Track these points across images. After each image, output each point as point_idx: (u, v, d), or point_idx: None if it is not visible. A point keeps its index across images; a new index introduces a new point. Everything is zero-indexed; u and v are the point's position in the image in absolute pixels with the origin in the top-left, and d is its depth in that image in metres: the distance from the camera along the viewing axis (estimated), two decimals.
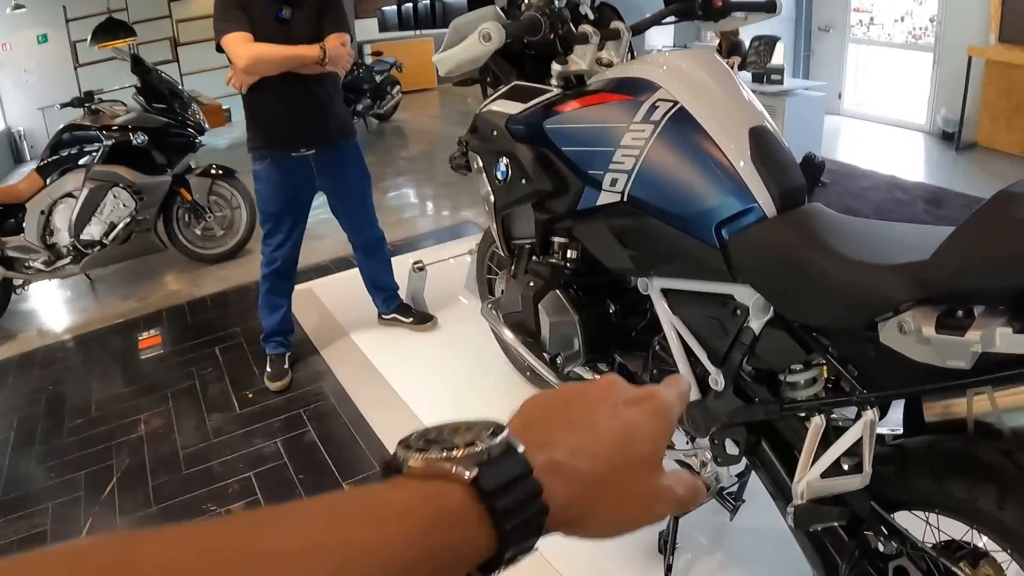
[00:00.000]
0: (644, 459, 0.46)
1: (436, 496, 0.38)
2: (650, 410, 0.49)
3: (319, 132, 2.93)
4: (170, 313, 4.25)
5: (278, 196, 3.01)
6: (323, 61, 2.74)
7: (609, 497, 0.44)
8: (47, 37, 11.81)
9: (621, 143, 1.70)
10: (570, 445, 0.44)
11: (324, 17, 2.83)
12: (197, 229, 4.80)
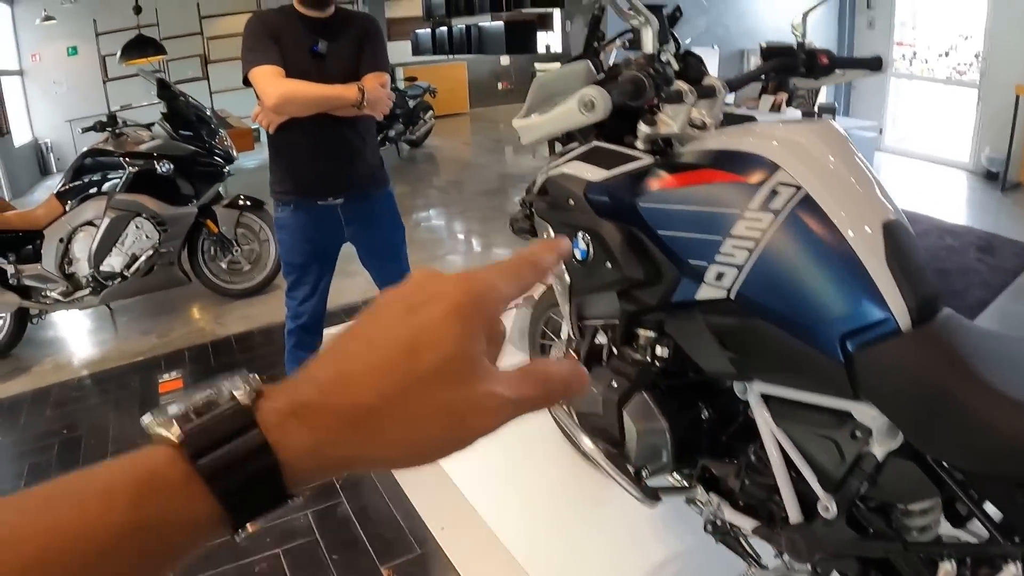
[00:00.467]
0: (433, 371, 0.39)
1: (141, 465, 0.36)
2: (446, 308, 0.40)
3: (350, 180, 2.70)
4: (193, 353, 4.05)
5: (303, 246, 2.77)
6: (361, 104, 2.50)
7: (391, 426, 0.38)
8: (77, 50, 11.79)
9: (732, 232, 1.47)
10: (324, 379, 0.39)
11: (363, 53, 2.62)
12: (223, 263, 4.61)
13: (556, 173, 1.87)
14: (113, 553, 0.34)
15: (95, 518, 0.34)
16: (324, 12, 2.57)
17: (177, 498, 0.36)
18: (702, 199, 1.55)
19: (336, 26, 2.60)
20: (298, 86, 2.43)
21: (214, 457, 0.36)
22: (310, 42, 2.53)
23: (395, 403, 0.38)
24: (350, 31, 2.61)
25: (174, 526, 0.36)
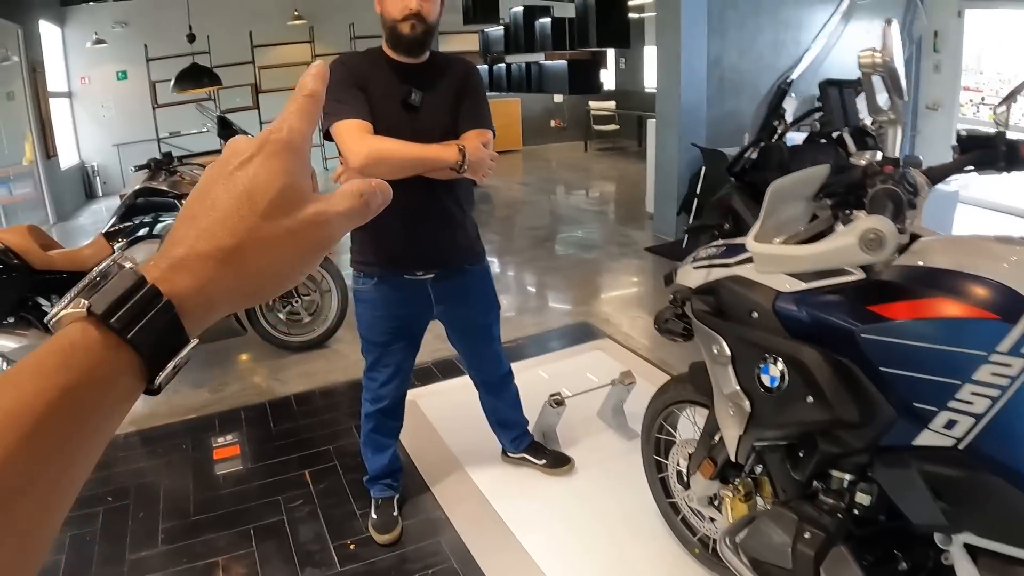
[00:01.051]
0: (271, 206, 0.46)
1: (60, 340, 0.40)
2: (264, 157, 0.48)
3: (443, 253, 2.40)
4: (249, 414, 3.76)
5: (385, 324, 2.47)
6: (461, 168, 2.17)
7: (253, 257, 0.46)
8: (127, 74, 11.77)
9: (973, 376, 1.25)
10: (190, 237, 0.45)
11: (461, 105, 2.31)
12: (281, 314, 4.33)
13: (730, 275, 1.58)
14: (52, 418, 0.37)
15: (31, 394, 0.37)
16: (419, 58, 2.28)
17: (98, 356, 0.41)
18: (939, 335, 1.28)
19: (431, 73, 2.30)
20: (389, 145, 2.12)
21: (120, 314, 0.41)
22: (402, 92, 2.23)
23: (249, 239, 0.45)
24: (446, 79, 2.31)
25: (100, 383, 0.40)
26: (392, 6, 2.20)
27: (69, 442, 0.39)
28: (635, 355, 4.23)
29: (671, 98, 6.60)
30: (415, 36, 2.21)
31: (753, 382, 1.52)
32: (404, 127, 2.20)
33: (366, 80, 2.21)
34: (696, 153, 6.57)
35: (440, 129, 2.25)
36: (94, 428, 0.40)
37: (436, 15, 2.24)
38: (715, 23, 6.70)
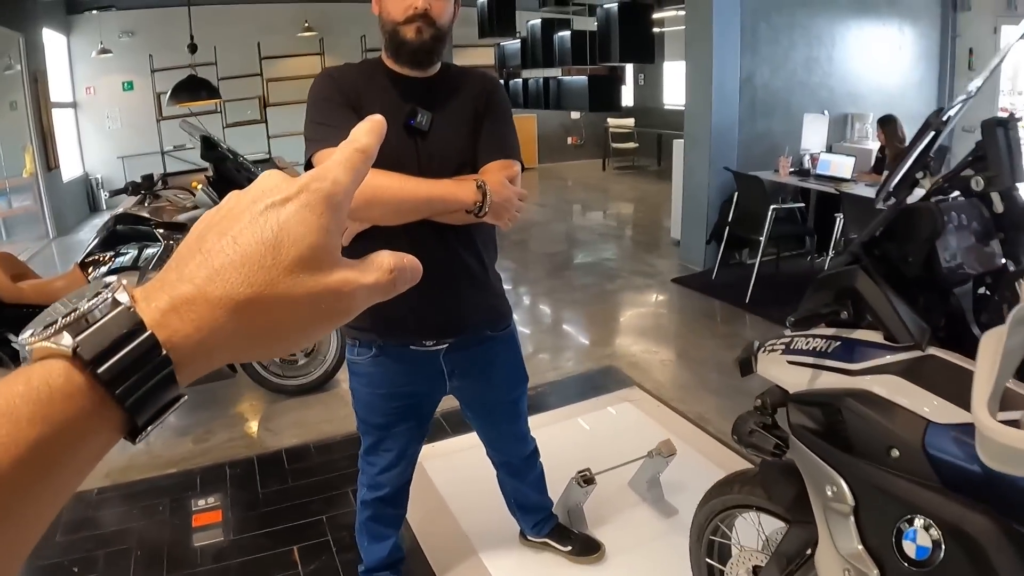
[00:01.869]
0: (298, 262, 0.42)
1: (38, 380, 0.36)
2: (300, 205, 0.43)
3: (459, 317, 1.92)
4: (235, 470, 3.33)
5: (387, 404, 2.00)
6: (480, 211, 1.71)
7: (266, 313, 0.41)
8: (133, 85, 11.48)
9: None
10: (200, 276, 0.40)
11: (480, 129, 1.84)
12: None
13: (854, 388, 1.16)
14: (18, 474, 0.33)
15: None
16: (427, 71, 1.82)
17: (78, 408, 0.36)
18: None
19: (443, 90, 1.84)
20: (386, 180, 1.64)
21: (111, 364, 0.36)
22: (405, 112, 1.76)
23: (265, 292, 0.40)
24: (462, 97, 1.85)
25: (76, 438, 0.36)
26: (393, 5, 1.74)
27: (32, 500, 0.35)
28: (668, 408, 3.79)
29: (701, 118, 6.18)
30: (421, 43, 1.74)
31: (888, 547, 1.10)
32: (407, 157, 1.75)
33: (359, 97, 1.75)
34: (728, 177, 6.15)
35: (454, 160, 1.80)
36: (61, 485, 0.36)
37: (448, 17, 1.78)
38: (747, 38, 6.30)
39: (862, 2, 7.36)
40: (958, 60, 8.66)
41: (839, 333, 1.43)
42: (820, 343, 1.43)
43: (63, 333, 0.37)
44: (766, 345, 1.69)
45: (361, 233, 1.74)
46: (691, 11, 6.27)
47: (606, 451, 3.17)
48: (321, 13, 12.23)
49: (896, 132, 6.21)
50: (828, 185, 5.94)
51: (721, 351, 4.70)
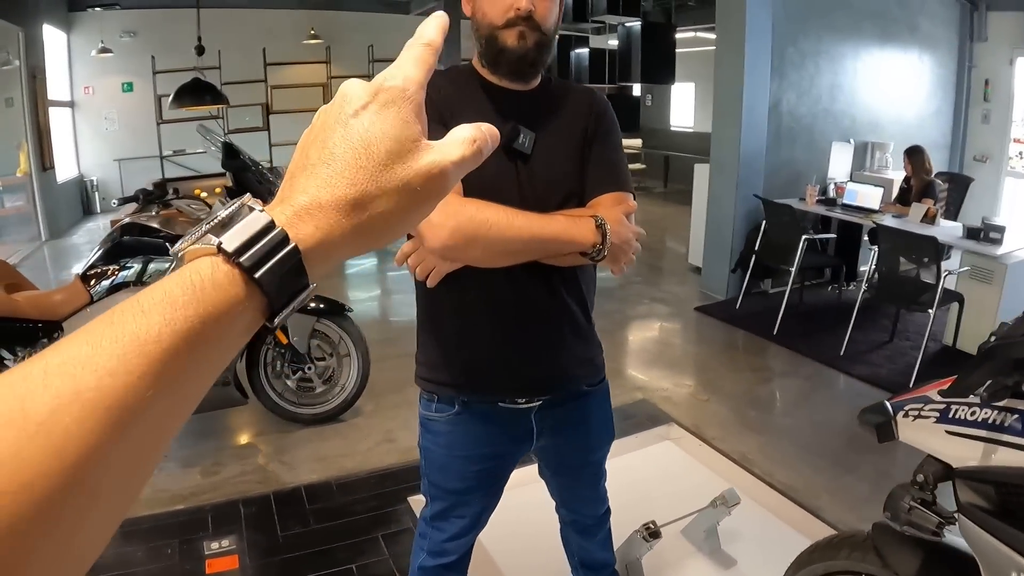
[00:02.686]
0: (389, 156, 0.47)
1: (189, 273, 0.42)
2: (380, 106, 0.48)
3: (558, 372, 1.66)
4: (250, 509, 3.07)
5: (465, 468, 1.73)
6: (599, 254, 1.46)
7: (373, 206, 0.47)
8: (132, 86, 11.24)
9: None
10: (311, 187, 0.46)
11: (589, 154, 1.58)
12: (291, 380, 3.67)
13: None
14: (177, 349, 0.39)
15: (159, 323, 0.39)
16: (528, 84, 1.58)
17: (225, 292, 0.42)
18: None
19: (546, 106, 1.58)
20: (490, 214, 1.38)
21: (250, 253, 0.43)
22: (506, 132, 1.48)
23: (368, 188, 0.47)
24: (568, 116, 1.59)
25: (225, 318, 0.42)
26: (490, 5, 1.50)
27: (189, 372, 0.40)
28: (709, 447, 3.58)
29: (729, 143, 6.00)
30: (524, 51, 1.48)
31: None
32: (507, 185, 1.50)
33: (451, 111, 1.47)
34: (754, 205, 5.97)
35: (560, 189, 1.56)
36: (213, 361, 0.42)
37: (554, 20, 1.52)
38: (775, 62, 6.14)
39: (885, 30, 7.26)
40: (973, 91, 8.63)
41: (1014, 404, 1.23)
42: (992, 414, 1.24)
43: (208, 236, 0.44)
44: (906, 408, 1.51)
45: (453, 274, 1.51)
46: (722, 33, 6.10)
47: (657, 496, 2.96)
48: (327, 20, 12.05)
49: (923, 163, 6.06)
50: (856, 215, 5.78)
51: (756, 386, 4.51)
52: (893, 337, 5.20)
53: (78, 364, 0.36)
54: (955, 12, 8.25)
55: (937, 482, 1.30)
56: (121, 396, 0.36)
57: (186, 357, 0.39)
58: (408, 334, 5.37)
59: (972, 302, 4.77)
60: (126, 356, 0.37)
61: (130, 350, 0.37)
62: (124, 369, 0.37)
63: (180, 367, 0.39)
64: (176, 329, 0.39)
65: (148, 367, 0.38)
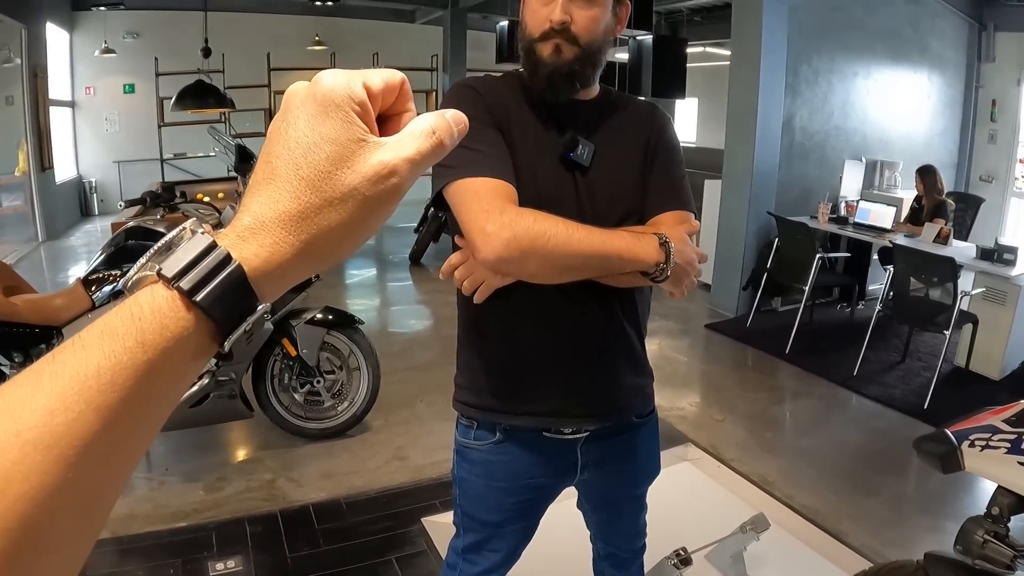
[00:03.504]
0: (331, 161, 0.44)
1: (129, 304, 0.41)
2: (317, 106, 0.45)
3: (609, 400, 1.54)
4: (256, 528, 2.96)
5: (504, 499, 1.61)
6: (662, 274, 1.35)
7: (321, 219, 0.44)
8: (134, 87, 11.15)
9: None
10: (255, 204, 0.44)
11: (652, 172, 1.49)
12: (298, 394, 3.57)
13: None
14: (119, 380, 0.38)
15: (99, 356, 0.38)
16: (584, 94, 1.47)
17: (166, 319, 0.40)
18: None
19: (604, 117, 1.48)
20: (551, 227, 1.28)
21: (190, 277, 0.41)
22: (564, 142, 1.41)
23: (312, 200, 0.44)
24: (627, 129, 1.50)
25: (168, 346, 0.40)
26: (532, 16, 1.41)
27: (136, 404, 0.39)
28: (729, 469, 3.50)
29: (742, 160, 5.94)
30: (557, 64, 1.38)
31: None
32: (566, 197, 1.41)
33: (508, 118, 1.41)
34: (766, 221, 5.91)
35: (621, 205, 1.46)
36: (162, 390, 0.40)
37: (598, 33, 1.41)
38: (789, 79, 6.10)
39: (897, 49, 7.25)
40: (980, 111, 8.66)
41: None
42: None
43: (150, 262, 0.43)
44: (971, 438, 1.44)
45: (502, 290, 1.41)
46: (737, 48, 6.05)
47: (680, 519, 2.85)
48: (333, 27, 12.00)
49: (935, 183, 6.01)
50: (869, 234, 5.72)
51: (771, 406, 4.44)
52: (905, 357, 5.14)
53: (18, 404, 0.36)
54: (964, 33, 8.26)
55: (1011, 514, 1.24)
56: (62, 434, 0.35)
57: (130, 389, 0.38)
58: (415, 346, 5.30)
59: (985, 323, 4.72)
60: (65, 393, 0.36)
61: (69, 387, 0.36)
62: (63, 407, 0.36)
63: (125, 400, 0.38)
64: (117, 362, 0.38)
65: (88, 403, 0.36)
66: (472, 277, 1.42)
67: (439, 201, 1.39)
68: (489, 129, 1.38)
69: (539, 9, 1.40)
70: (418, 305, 6.48)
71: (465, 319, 1.58)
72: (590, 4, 1.39)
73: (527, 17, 1.43)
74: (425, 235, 7.79)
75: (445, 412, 3.90)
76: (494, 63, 9.30)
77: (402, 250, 8.22)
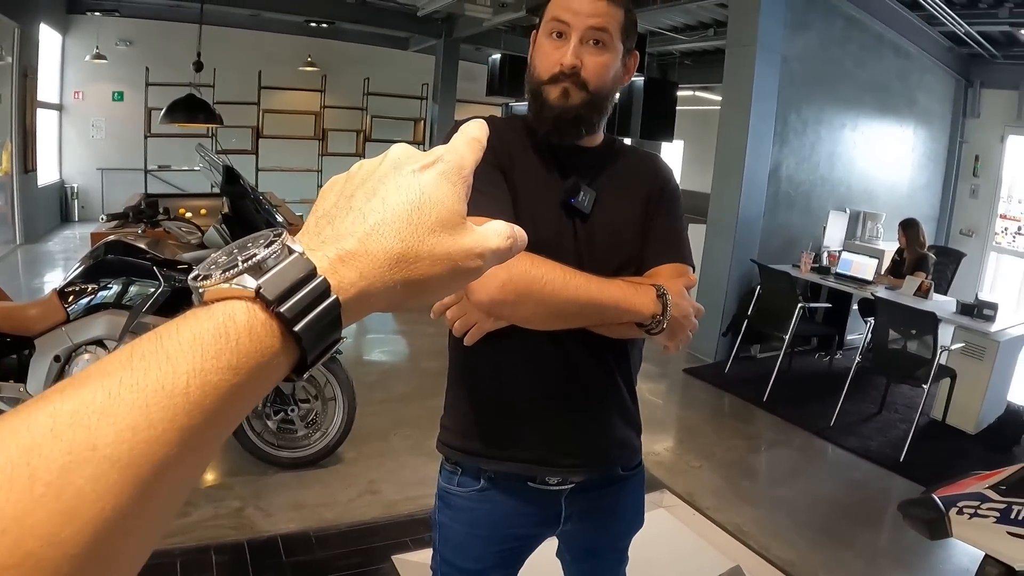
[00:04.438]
0: (440, 223, 0.47)
1: (223, 318, 0.39)
2: (439, 173, 0.48)
3: (600, 452, 1.51)
4: (223, 558, 2.88)
5: (485, 548, 1.57)
6: (658, 326, 1.32)
7: (416, 267, 0.46)
8: (123, 95, 11.11)
9: None
10: (359, 232, 0.45)
11: (653, 224, 1.47)
12: (272, 421, 3.49)
13: None
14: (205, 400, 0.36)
15: (187, 372, 0.35)
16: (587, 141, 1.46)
17: (261, 343, 0.39)
18: None
19: (606, 165, 1.47)
20: (548, 272, 1.26)
21: (292, 304, 0.40)
22: (565, 187, 1.40)
23: (414, 248, 0.45)
24: (631, 179, 1.49)
25: (259, 370, 0.39)
26: (541, 59, 1.40)
27: (214, 427, 0.37)
28: (704, 518, 3.48)
29: (728, 206, 5.97)
30: (564, 108, 1.37)
31: None
32: (565, 243, 1.39)
33: (511, 160, 1.39)
34: (749, 268, 5.94)
35: (619, 253, 1.45)
36: (239, 414, 0.39)
37: (607, 80, 1.40)
38: (779, 127, 6.16)
39: (885, 102, 7.39)
40: (963, 165, 8.84)
41: None
42: None
43: (244, 276, 0.40)
44: (959, 505, 1.44)
45: (494, 333, 1.37)
46: (728, 94, 6.11)
47: (656, 568, 2.83)
48: (326, 49, 12.04)
49: (918, 236, 6.09)
50: (850, 285, 5.76)
51: (748, 454, 4.43)
52: (882, 409, 5.18)
53: (93, 414, 0.32)
54: (951, 88, 8.44)
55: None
56: (142, 454, 0.33)
57: (213, 411, 0.36)
58: (391, 378, 5.23)
59: (963, 378, 4.77)
60: (148, 408, 0.34)
61: (153, 402, 0.34)
62: (146, 423, 0.33)
63: (207, 422, 0.36)
64: (206, 381, 0.36)
65: (172, 422, 0.34)
66: (464, 318, 1.38)
67: None
68: (492, 170, 1.36)
69: (550, 52, 1.39)
70: (397, 335, 6.41)
71: (455, 360, 1.55)
72: (601, 50, 1.38)
73: (537, 59, 1.42)
74: None
75: (420, 446, 3.86)
76: (484, 95, 9.33)
77: None
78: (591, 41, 1.37)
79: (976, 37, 7.69)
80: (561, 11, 1.38)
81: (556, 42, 1.38)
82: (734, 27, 6.02)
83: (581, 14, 1.36)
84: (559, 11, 1.38)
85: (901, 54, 7.51)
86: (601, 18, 1.37)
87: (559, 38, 1.38)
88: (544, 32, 1.41)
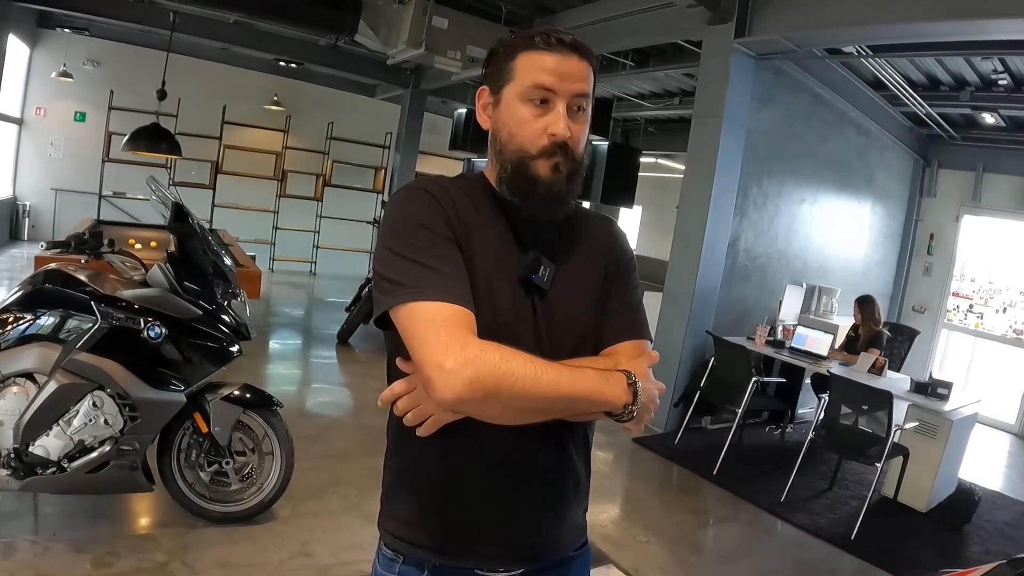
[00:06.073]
0: None
1: None
2: None
3: (548, 536, 1.41)
4: None
5: None
6: (628, 415, 1.24)
7: None
8: (85, 116, 10.88)
9: None
10: None
11: (610, 297, 1.39)
12: (205, 473, 3.31)
13: None
14: None
15: None
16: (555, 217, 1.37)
17: None
18: None
19: (567, 235, 1.40)
20: (516, 366, 1.14)
21: None
22: (526, 263, 1.31)
23: None
24: (588, 248, 1.41)
25: None
26: (522, 127, 1.29)
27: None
28: None
29: (685, 276, 5.94)
30: (555, 185, 1.29)
31: None
32: (524, 325, 1.30)
33: (467, 230, 1.28)
34: (703, 340, 5.92)
35: (576, 331, 1.36)
36: None
37: (584, 145, 1.34)
38: (739, 200, 6.21)
39: (844, 179, 7.55)
40: (918, 243, 9.03)
41: None
42: None
43: None
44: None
45: (450, 426, 1.26)
46: (692, 165, 6.13)
47: None
48: (293, 89, 12.02)
49: (873, 313, 6.15)
50: (804, 360, 5.77)
51: (696, 529, 4.34)
52: (833, 485, 5.15)
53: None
54: (909, 167, 8.67)
55: None
56: None
57: None
58: (332, 432, 5.05)
59: (916, 456, 4.80)
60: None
61: None
62: None
63: None
64: None
65: None
66: (419, 409, 1.25)
67: (382, 320, 1.27)
68: (447, 244, 1.24)
69: (532, 120, 1.28)
70: (341, 387, 6.21)
71: (397, 443, 1.42)
72: (583, 117, 1.31)
73: (513, 127, 1.30)
74: (356, 315, 7.40)
75: (357, 507, 3.70)
76: (447, 148, 9.28)
77: (331, 326, 7.92)
78: (575, 108, 1.29)
79: (936, 118, 7.93)
80: (545, 76, 1.27)
81: (538, 109, 1.28)
82: (702, 98, 6.07)
83: (569, 79, 1.27)
84: (542, 76, 1.27)
85: (862, 132, 7.70)
86: (584, 82, 1.30)
87: (542, 105, 1.28)
88: (521, 96, 1.29)
